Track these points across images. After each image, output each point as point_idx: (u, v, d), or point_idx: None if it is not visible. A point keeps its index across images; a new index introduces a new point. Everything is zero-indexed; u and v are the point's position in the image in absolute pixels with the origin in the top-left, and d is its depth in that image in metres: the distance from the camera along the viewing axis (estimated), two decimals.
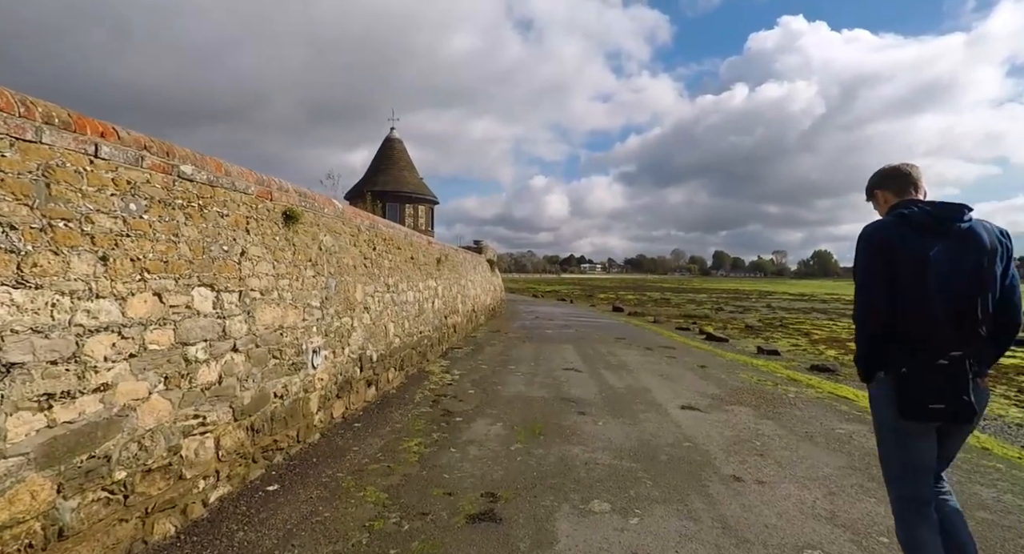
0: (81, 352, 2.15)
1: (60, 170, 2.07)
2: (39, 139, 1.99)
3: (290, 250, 3.81)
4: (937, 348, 1.88)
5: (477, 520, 2.85)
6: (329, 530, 2.73)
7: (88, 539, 2.18)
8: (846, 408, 5.65)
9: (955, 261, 1.89)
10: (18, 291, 1.90)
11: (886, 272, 1.95)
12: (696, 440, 4.32)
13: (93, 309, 2.20)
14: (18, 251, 1.91)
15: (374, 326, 5.58)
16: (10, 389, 1.87)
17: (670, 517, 2.93)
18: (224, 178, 3.09)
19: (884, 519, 2.96)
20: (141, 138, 2.50)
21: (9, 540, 1.86)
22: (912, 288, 1.90)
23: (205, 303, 2.90)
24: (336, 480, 3.39)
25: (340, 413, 4.67)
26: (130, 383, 2.39)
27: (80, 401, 2.14)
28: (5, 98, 1.86)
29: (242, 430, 3.23)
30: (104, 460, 2.25)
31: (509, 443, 4.17)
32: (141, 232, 2.46)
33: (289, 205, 3.80)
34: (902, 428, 1.98)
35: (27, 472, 1.93)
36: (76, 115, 2.17)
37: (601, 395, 5.92)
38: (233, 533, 2.69)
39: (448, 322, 9.56)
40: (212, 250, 2.96)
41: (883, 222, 2.04)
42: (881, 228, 2.00)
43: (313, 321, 4.15)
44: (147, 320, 2.48)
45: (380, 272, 5.84)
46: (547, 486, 3.33)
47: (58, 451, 2.05)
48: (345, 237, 4.85)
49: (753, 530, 2.80)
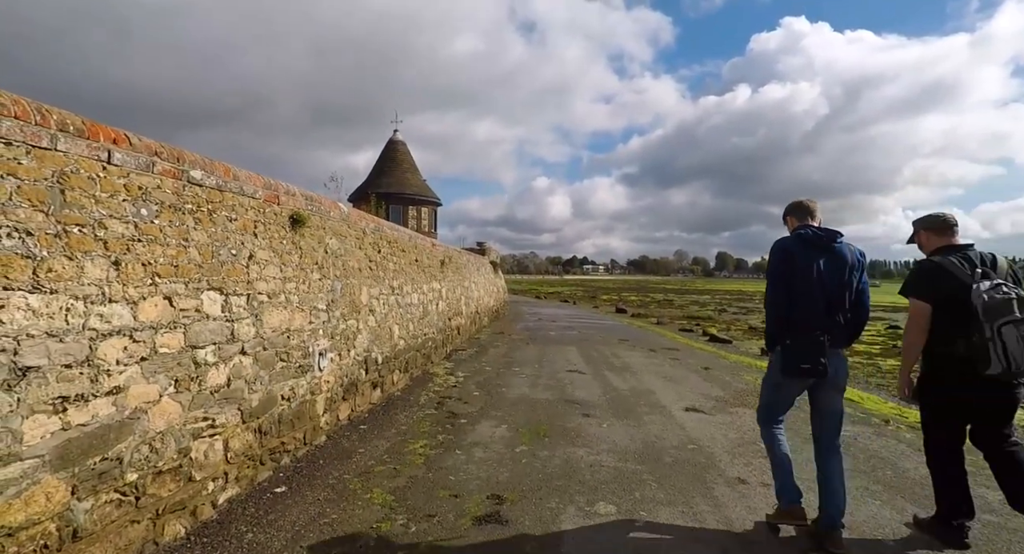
0: (94, 356, 2.18)
1: (74, 176, 2.11)
2: (54, 146, 2.02)
3: (297, 254, 3.84)
4: (813, 329, 2.62)
5: (483, 522, 2.87)
6: (337, 532, 2.75)
7: (101, 540, 2.21)
8: (850, 411, 5.63)
9: (830, 270, 2.66)
10: (34, 296, 1.93)
11: (787, 275, 2.69)
12: (701, 442, 4.33)
13: (106, 313, 2.23)
14: (34, 257, 1.94)
15: (379, 328, 5.61)
16: (26, 392, 1.90)
17: (675, 519, 2.95)
18: (232, 183, 3.13)
19: (889, 521, 2.97)
20: (152, 144, 2.53)
21: (25, 541, 1.89)
22: (803, 286, 2.66)
23: (214, 306, 2.93)
24: (343, 482, 3.41)
25: (346, 415, 4.70)
26: (141, 386, 2.42)
27: (93, 404, 2.17)
28: (22, 106, 1.89)
29: (250, 432, 3.26)
30: (116, 462, 2.28)
31: (514, 445, 4.18)
32: (152, 237, 2.49)
33: (296, 209, 3.83)
34: (781, 381, 2.78)
35: (42, 474, 1.96)
36: (90, 122, 2.20)
37: (605, 397, 5.93)
38: (242, 534, 2.71)
39: (452, 324, 9.59)
40: (221, 254, 2.99)
41: (789, 238, 2.81)
42: (787, 242, 2.77)
43: (319, 324, 4.18)
44: (158, 324, 2.52)
45: (385, 275, 5.87)
46: (552, 488, 3.34)
47: (72, 453, 2.08)
48: (350, 240, 4.88)
49: (759, 533, 2.81)
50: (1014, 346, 2.37)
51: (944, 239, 2.79)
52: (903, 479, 3.63)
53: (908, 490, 3.44)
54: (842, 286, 2.67)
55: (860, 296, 2.71)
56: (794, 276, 2.68)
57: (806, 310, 2.65)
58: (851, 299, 2.69)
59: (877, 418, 5.36)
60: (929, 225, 2.86)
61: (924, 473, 3.66)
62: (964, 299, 2.50)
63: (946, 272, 2.62)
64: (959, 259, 2.64)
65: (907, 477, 3.67)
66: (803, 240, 2.73)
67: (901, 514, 3.06)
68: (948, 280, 2.60)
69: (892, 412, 5.75)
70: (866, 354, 12.01)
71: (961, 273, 2.58)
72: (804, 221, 2.89)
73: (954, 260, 2.64)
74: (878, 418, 5.36)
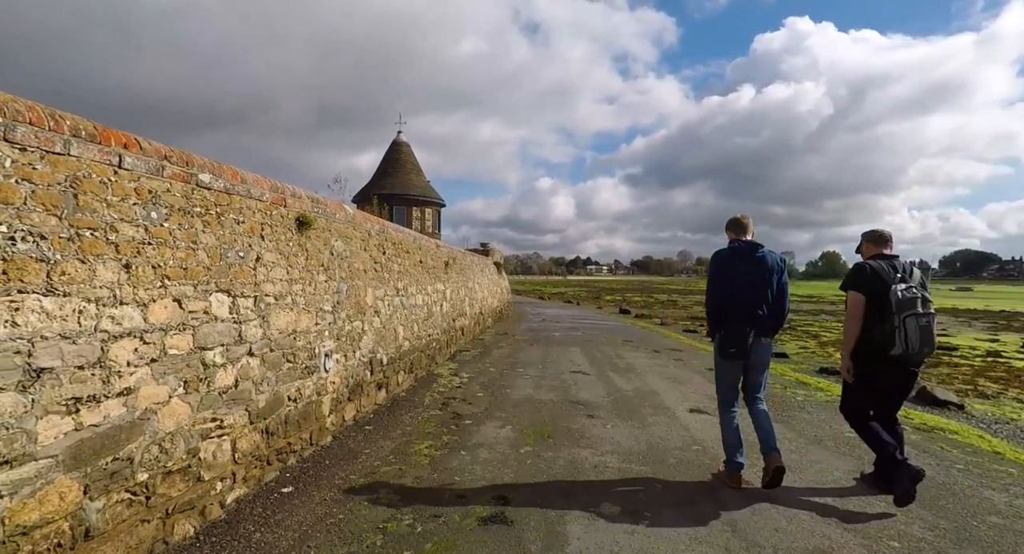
0: (106, 357, 2.21)
1: (87, 181, 2.14)
2: (67, 151, 2.06)
3: (303, 255, 3.88)
4: (740, 322, 3.37)
5: (489, 522, 2.89)
6: (344, 532, 2.78)
7: (112, 539, 2.24)
8: None
9: (755, 274, 3.37)
10: (48, 299, 1.97)
11: (722, 279, 3.43)
12: (705, 443, 4.34)
13: (117, 315, 2.27)
14: (48, 260, 1.97)
15: (384, 329, 5.64)
16: (40, 393, 1.94)
17: (680, 520, 2.96)
18: (240, 186, 3.16)
19: (895, 523, 2.97)
20: (162, 148, 2.56)
21: (40, 539, 1.93)
22: (733, 289, 3.38)
23: (222, 308, 2.96)
24: (349, 482, 3.44)
25: (351, 416, 4.73)
26: (151, 387, 2.45)
27: (105, 405, 2.20)
28: (36, 113, 1.93)
29: (257, 433, 3.29)
30: (127, 462, 2.32)
31: (519, 446, 4.20)
32: (162, 240, 2.53)
33: (302, 211, 3.86)
34: (721, 362, 3.53)
35: (56, 474, 1.99)
36: (101, 127, 2.23)
37: (609, 398, 5.95)
38: (250, 534, 2.74)
39: (456, 325, 9.61)
40: (228, 256, 3.02)
41: (724, 250, 3.53)
42: (722, 253, 3.51)
43: (325, 325, 4.21)
44: (167, 325, 2.55)
45: (390, 276, 5.90)
46: (557, 489, 3.36)
47: (84, 453, 2.11)
48: (356, 242, 4.91)
49: (763, 534, 2.82)
50: (913, 333, 3.08)
51: (879, 249, 3.45)
52: None
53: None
54: (765, 287, 3.37)
55: (780, 294, 3.42)
56: (726, 280, 3.42)
57: (735, 307, 3.39)
58: (773, 296, 3.40)
59: None
60: (870, 238, 3.54)
61: (930, 474, 3.67)
62: (884, 296, 3.16)
63: (876, 274, 3.27)
64: (887, 265, 3.30)
65: None
66: (734, 251, 3.48)
67: (906, 515, 3.06)
68: (877, 280, 3.24)
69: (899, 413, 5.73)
70: None
71: (886, 276, 3.24)
72: (739, 235, 3.54)
73: (883, 265, 3.30)
74: None
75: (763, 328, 3.39)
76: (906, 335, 3.10)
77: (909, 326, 3.09)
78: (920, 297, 3.13)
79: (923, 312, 3.10)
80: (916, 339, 3.08)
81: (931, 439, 4.69)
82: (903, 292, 3.13)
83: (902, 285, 3.16)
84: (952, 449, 4.41)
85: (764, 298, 3.37)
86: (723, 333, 3.44)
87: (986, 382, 8.95)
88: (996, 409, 6.96)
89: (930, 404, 6.74)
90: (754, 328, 3.37)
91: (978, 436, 4.96)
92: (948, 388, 7.96)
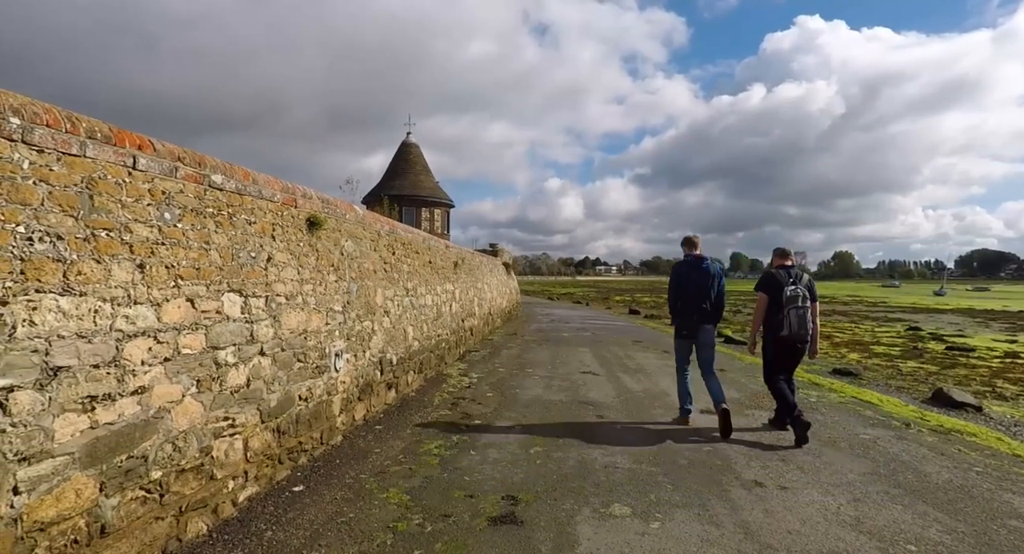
0: (120, 356, 2.24)
1: (102, 182, 2.17)
2: (83, 153, 2.09)
3: (314, 256, 3.90)
4: (690, 315, 4.74)
5: (499, 523, 2.88)
6: (354, 531, 2.79)
7: (127, 536, 2.26)
8: (870, 413, 5.56)
9: (700, 279, 4.69)
10: (64, 298, 2.00)
11: (677, 284, 4.82)
12: (717, 445, 4.30)
13: (131, 315, 2.29)
14: (64, 260, 2.00)
15: (394, 330, 5.66)
16: (57, 392, 1.97)
17: (691, 522, 2.93)
18: (251, 186, 3.19)
19: (911, 526, 2.92)
20: (175, 149, 2.59)
21: (57, 535, 1.95)
22: (685, 291, 4.75)
23: (234, 308, 2.98)
24: (359, 481, 3.45)
25: (361, 415, 4.75)
26: (165, 386, 2.48)
27: (120, 403, 2.23)
28: (53, 115, 1.96)
29: (269, 432, 3.31)
30: (142, 460, 2.34)
31: (528, 446, 4.19)
32: (175, 240, 2.55)
33: (313, 212, 3.89)
34: (677, 341, 4.93)
35: (72, 471, 2.02)
36: (116, 129, 2.26)
37: (619, 399, 5.92)
38: (262, 532, 2.76)
39: (465, 325, 9.62)
40: (240, 257, 3.05)
41: (680, 262, 4.94)
42: (679, 264, 4.91)
43: (336, 325, 4.23)
44: (180, 325, 2.57)
45: (399, 276, 5.92)
46: (567, 489, 3.35)
47: (100, 451, 2.14)
48: (366, 242, 4.94)
49: (776, 536, 2.78)
50: (794, 320, 4.41)
51: (782, 261, 4.80)
52: (925, 483, 3.56)
53: (930, 495, 3.37)
54: (708, 288, 4.75)
55: (719, 294, 4.79)
56: (681, 284, 4.84)
57: (686, 304, 4.82)
58: (714, 295, 4.76)
59: (897, 421, 5.27)
60: (777, 253, 4.89)
61: (947, 477, 3.62)
62: (779, 294, 4.51)
63: (775, 279, 4.61)
64: (784, 272, 4.63)
65: (929, 481, 3.60)
66: (686, 262, 4.93)
67: (923, 518, 3.01)
68: (775, 284, 4.59)
69: (913, 415, 5.65)
70: (886, 356, 11.80)
71: (782, 280, 4.56)
72: (691, 250, 4.96)
73: (782, 272, 4.64)
74: (898, 421, 5.27)
75: (707, 318, 4.79)
76: (789, 322, 4.43)
77: (791, 315, 4.41)
78: (801, 295, 4.42)
79: (800, 306, 4.40)
80: (796, 324, 4.42)
81: (948, 441, 4.61)
82: (790, 292, 4.44)
83: (791, 287, 4.46)
84: (970, 451, 4.33)
85: (708, 297, 4.75)
86: (678, 321, 4.91)
87: (1005, 384, 8.78)
88: (1015, 411, 6.82)
89: (947, 406, 6.63)
90: (700, 318, 4.76)
91: (996, 438, 4.87)
92: (965, 390, 7.83)
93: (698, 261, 4.82)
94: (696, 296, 4.73)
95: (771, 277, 4.64)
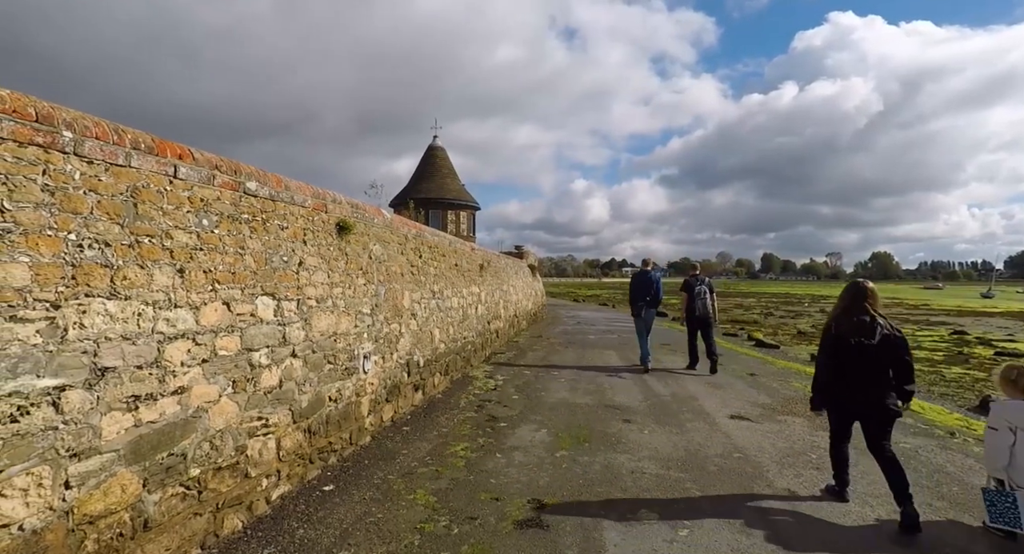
0: (162, 357, 2.34)
1: (145, 191, 2.27)
2: (128, 163, 2.19)
3: (343, 259, 3.99)
4: (642, 303, 8.11)
5: (525, 526, 2.89)
6: (383, 531, 2.83)
7: (168, 531, 2.36)
8: (911, 421, 5.33)
9: (646, 284, 8.13)
10: (111, 302, 2.10)
11: (633, 286, 8.34)
12: (747, 451, 4.20)
13: (172, 318, 2.39)
14: (111, 265, 2.10)
15: (421, 332, 5.73)
16: (104, 391, 2.07)
17: (721, 530, 2.87)
18: (284, 193, 3.28)
19: (955, 539, 2.79)
20: (212, 158, 2.69)
21: (104, 529, 2.05)
22: (640, 292, 8.17)
23: (267, 311, 3.08)
24: (387, 482, 3.50)
25: (389, 416, 4.82)
26: (203, 386, 2.58)
27: (161, 403, 2.33)
28: (102, 128, 2.06)
29: (300, 432, 3.40)
30: (181, 458, 2.44)
31: (554, 450, 4.18)
32: (212, 246, 2.65)
33: (342, 216, 3.97)
34: (636, 319, 8.21)
35: (118, 467, 2.12)
36: (158, 139, 2.37)
37: (646, 403, 5.84)
38: (294, 530, 2.83)
39: (491, 327, 9.66)
40: (273, 261, 3.14)
41: (637, 273, 8.59)
42: (636, 275, 8.49)
43: (364, 327, 4.31)
44: (217, 327, 2.67)
45: (426, 279, 5.99)
46: (594, 494, 3.32)
47: (143, 448, 2.23)
48: (393, 246, 5.02)
49: (811, 545, 2.71)
50: (699, 306, 7.89)
51: (693, 272, 8.34)
52: (970, 495, 3.40)
53: (976, 507, 3.21)
54: (650, 287, 7.96)
55: (656, 291, 7.99)
56: (637, 287, 8.12)
57: (636, 297, 8.08)
58: (653, 291, 7.95)
59: (941, 430, 5.05)
60: (689, 267, 9.21)
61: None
62: (692, 292, 7.97)
63: (688, 284, 8.06)
64: (694, 280, 8.04)
65: (974, 493, 3.43)
66: (642, 273, 8.21)
67: (970, 533, 2.87)
68: (691, 286, 7.99)
69: (958, 424, 5.40)
70: (928, 361, 11.33)
71: (695, 283, 7.99)
72: (644, 266, 8.37)
73: (692, 279, 8.08)
74: (942, 430, 5.05)
75: (651, 304, 8.00)
76: (696, 307, 7.88)
77: (698, 303, 7.87)
78: (703, 293, 7.90)
79: (703, 298, 7.85)
80: (701, 309, 7.85)
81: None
82: (697, 290, 7.90)
83: (700, 287, 7.91)
84: None
85: (650, 291, 7.95)
86: (633, 307, 8.12)
87: None
88: None
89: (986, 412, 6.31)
90: (645, 304, 7.95)
91: None
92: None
93: (645, 273, 8.13)
94: (643, 292, 8.00)
95: (689, 283, 8.07)
